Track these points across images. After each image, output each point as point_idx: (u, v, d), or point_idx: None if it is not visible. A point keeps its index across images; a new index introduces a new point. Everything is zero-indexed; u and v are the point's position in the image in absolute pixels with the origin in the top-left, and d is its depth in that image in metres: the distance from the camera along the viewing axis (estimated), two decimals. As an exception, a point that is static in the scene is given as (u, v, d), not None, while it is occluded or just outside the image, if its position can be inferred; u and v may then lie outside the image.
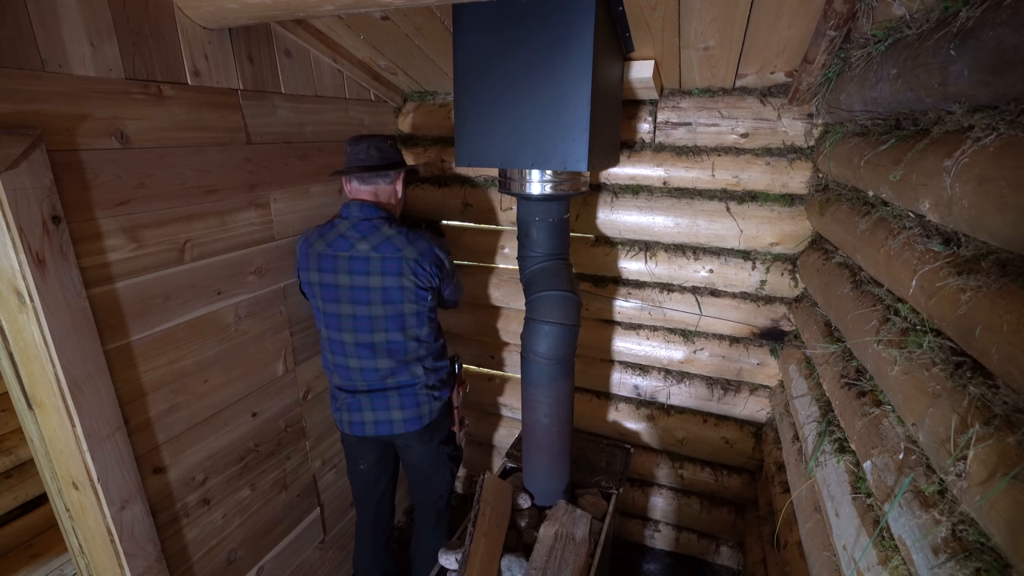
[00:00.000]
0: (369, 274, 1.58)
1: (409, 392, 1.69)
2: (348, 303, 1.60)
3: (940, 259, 0.81)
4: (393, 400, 1.69)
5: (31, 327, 1.06)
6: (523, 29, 1.33)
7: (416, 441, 1.77)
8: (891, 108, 1.05)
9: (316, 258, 1.60)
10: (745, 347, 2.00)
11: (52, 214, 1.05)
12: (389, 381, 1.68)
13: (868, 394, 1.09)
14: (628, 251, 2.04)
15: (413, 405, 1.70)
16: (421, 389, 1.70)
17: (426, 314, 1.66)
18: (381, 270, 1.57)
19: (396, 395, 1.69)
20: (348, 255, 1.58)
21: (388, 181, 1.67)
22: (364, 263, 1.57)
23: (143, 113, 1.23)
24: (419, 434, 1.74)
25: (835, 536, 1.07)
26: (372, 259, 1.57)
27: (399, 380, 1.68)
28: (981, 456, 0.64)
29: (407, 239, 1.59)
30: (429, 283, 1.61)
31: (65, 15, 1.07)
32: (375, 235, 1.58)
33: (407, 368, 1.68)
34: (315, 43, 1.70)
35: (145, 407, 1.31)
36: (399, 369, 1.67)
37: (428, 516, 1.94)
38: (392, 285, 1.58)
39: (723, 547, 2.27)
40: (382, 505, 1.94)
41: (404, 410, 1.70)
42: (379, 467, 1.87)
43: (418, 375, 1.70)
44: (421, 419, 1.72)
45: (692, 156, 1.86)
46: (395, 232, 1.59)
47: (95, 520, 1.23)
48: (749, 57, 1.53)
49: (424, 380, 1.71)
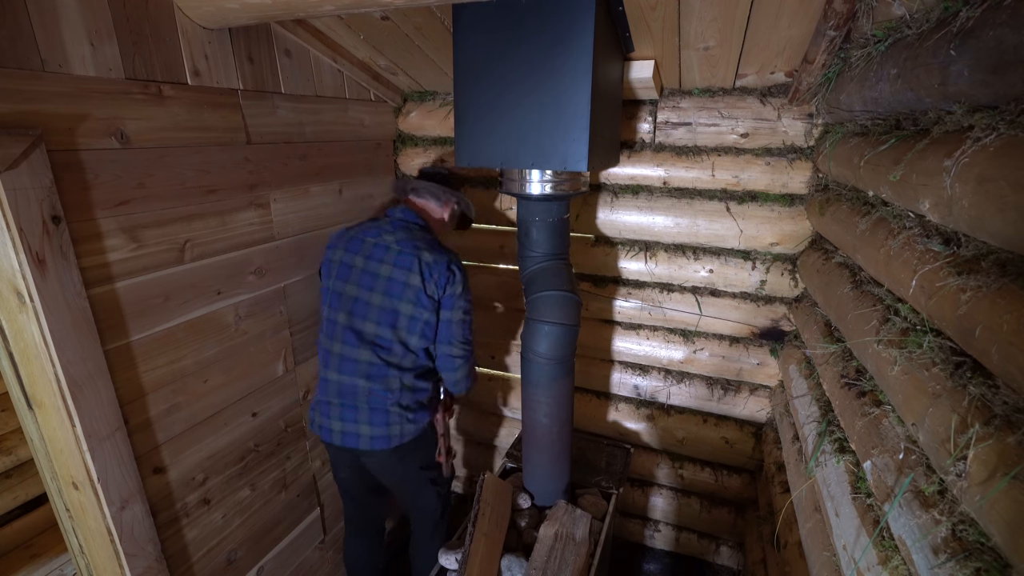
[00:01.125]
0: (383, 261, 1.60)
1: (380, 409, 1.61)
2: (354, 285, 1.62)
3: (940, 259, 0.81)
4: (362, 414, 1.61)
5: (31, 327, 1.06)
6: (523, 29, 1.33)
7: (389, 460, 1.68)
8: (891, 108, 1.05)
9: (347, 239, 1.67)
10: (745, 347, 2.00)
11: (52, 214, 1.05)
12: (361, 385, 1.60)
13: (868, 394, 1.09)
14: (628, 251, 2.04)
15: (382, 423, 1.61)
16: (392, 407, 1.61)
17: (420, 324, 1.60)
18: (394, 261, 1.60)
19: (366, 408, 1.61)
20: (374, 242, 1.64)
21: (439, 203, 1.77)
22: (383, 251, 1.62)
23: (143, 113, 1.23)
24: (390, 454, 1.65)
25: (835, 536, 1.07)
26: (391, 248, 1.61)
27: (371, 387, 1.60)
28: (981, 456, 0.64)
29: (430, 245, 1.63)
30: (434, 292, 1.60)
31: (65, 15, 1.07)
32: (404, 232, 1.64)
33: (383, 375, 1.60)
34: (315, 43, 1.70)
35: (145, 407, 1.31)
36: (375, 372, 1.60)
37: (423, 526, 1.89)
38: (399, 278, 1.59)
39: (723, 547, 2.27)
40: (369, 507, 1.88)
41: (372, 426, 1.61)
42: (357, 476, 1.78)
43: (392, 388, 1.60)
44: (390, 439, 1.62)
45: (692, 156, 1.86)
46: (423, 237, 1.65)
47: (95, 520, 1.23)
48: (749, 57, 1.53)
49: (397, 397, 1.61)
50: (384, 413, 1.62)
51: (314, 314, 1.86)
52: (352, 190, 2.01)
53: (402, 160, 2.29)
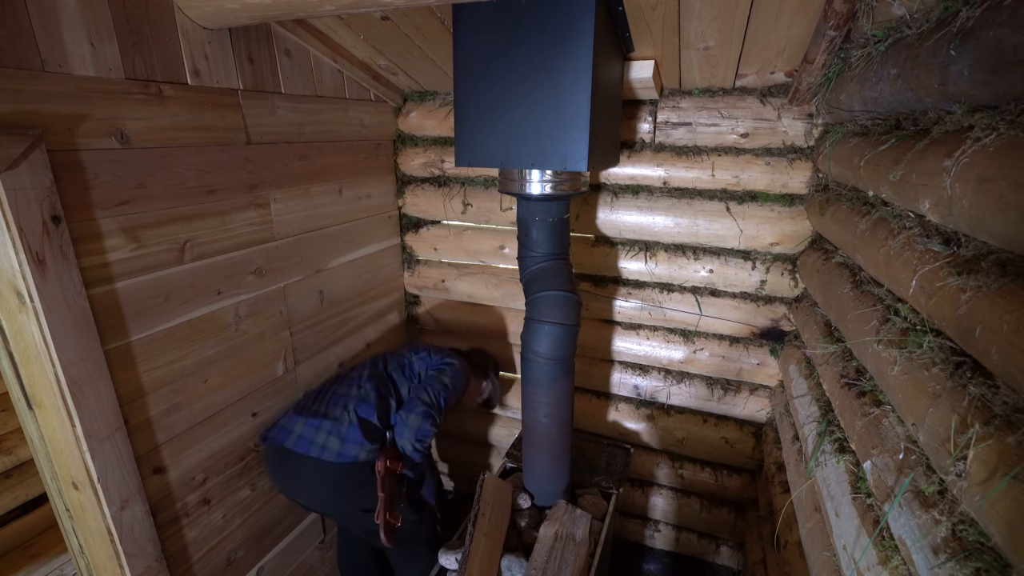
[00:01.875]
0: None
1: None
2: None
3: (940, 259, 0.81)
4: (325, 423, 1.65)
5: (31, 327, 1.06)
6: (523, 29, 1.33)
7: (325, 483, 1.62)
8: (891, 108, 1.05)
9: None
10: (745, 347, 2.00)
11: (52, 214, 1.05)
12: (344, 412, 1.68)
13: (868, 394, 1.09)
14: (628, 251, 2.04)
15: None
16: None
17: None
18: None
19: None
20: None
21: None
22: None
23: (143, 113, 1.23)
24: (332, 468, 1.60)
25: (835, 536, 1.07)
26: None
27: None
28: (981, 456, 0.64)
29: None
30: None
31: (65, 15, 1.07)
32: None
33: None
34: (315, 43, 1.70)
35: (145, 407, 1.31)
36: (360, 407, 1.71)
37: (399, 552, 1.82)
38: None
39: (723, 547, 2.27)
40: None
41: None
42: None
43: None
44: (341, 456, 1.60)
45: (692, 156, 1.86)
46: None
47: (95, 520, 1.23)
48: (749, 57, 1.53)
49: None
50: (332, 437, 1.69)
51: (315, 314, 1.87)
52: (352, 190, 2.01)
53: (402, 160, 2.29)
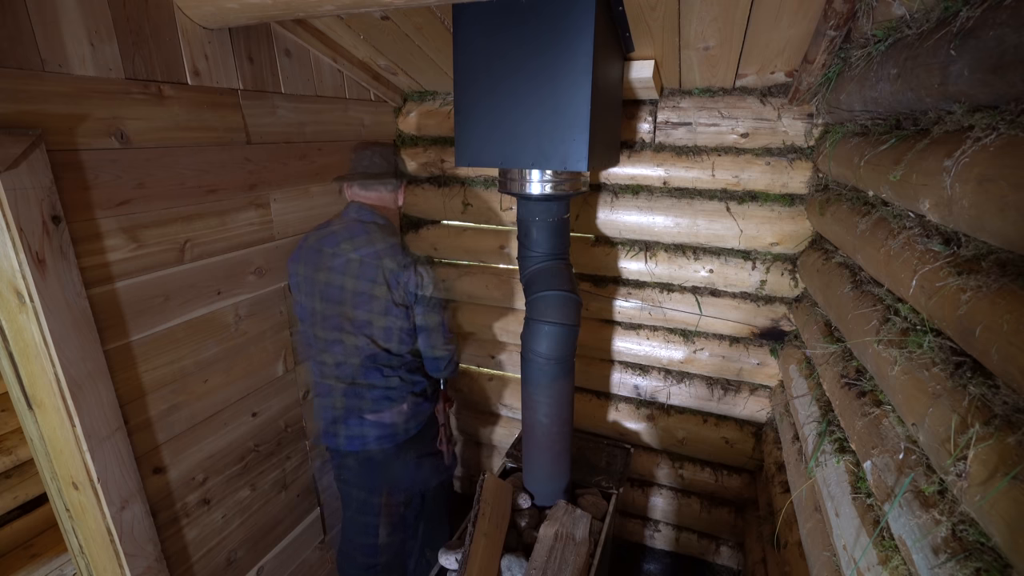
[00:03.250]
0: (345, 274, 1.58)
1: (381, 407, 1.65)
2: (323, 300, 1.61)
3: (940, 259, 0.81)
4: (365, 415, 1.65)
5: (31, 327, 1.06)
6: (523, 29, 1.33)
7: (394, 456, 1.72)
8: (891, 108, 1.05)
9: (306, 251, 1.64)
10: (745, 347, 2.00)
11: (52, 214, 1.05)
12: (359, 388, 1.64)
13: (868, 394, 1.09)
14: (628, 251, 2.04)
15: (386, 422, 1.66)
16: (393, 404, 1.66)
17: (396, 332, 1.63)
18: (357, 273, 1.57)
19: (368, 409, 1.65)
20: (332, 251, 1.60)
21: (390, 189, 1.71)
22: (343, 263, 1.59)
23: (143, 113, 1.23)
24: (395, 450, 1.69)
25: (835, 536, 1.07)
26: (351, 261, 1.58)
27: (370, 389, 1.64)
28: (981, 456, 0.64)
29: (391, 250, 1.59)
30: (403, 299, 1.60)
31: (65, 15, 1.07)
32: (362, 238, 1.60)
33: (378, 376, 1.64)
34: (315, 43, 1.70)
35: (145, 407, 1.31)
36: (370, 376, 1.64)
37: (430, 509, 1.90)
38: (364, 291, 1.58)
39: (723, 547, 2.27)
40: (368, 512, 1.85)
41: (376, 427, 1.65)
42: (361, 478, 1.78)
43: (391, 387, 1.65)
44: (395, 436, 1.67)
45: (692, 156, 1.86)
46: (383, 241, 1.60)
47: (95, 520, 1.23)
48: (749, 57, 1.53)
49: (396, 394, 1.66)
50: (386, 411, 1.65)
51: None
52: (352, 190, 2.01)
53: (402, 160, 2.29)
